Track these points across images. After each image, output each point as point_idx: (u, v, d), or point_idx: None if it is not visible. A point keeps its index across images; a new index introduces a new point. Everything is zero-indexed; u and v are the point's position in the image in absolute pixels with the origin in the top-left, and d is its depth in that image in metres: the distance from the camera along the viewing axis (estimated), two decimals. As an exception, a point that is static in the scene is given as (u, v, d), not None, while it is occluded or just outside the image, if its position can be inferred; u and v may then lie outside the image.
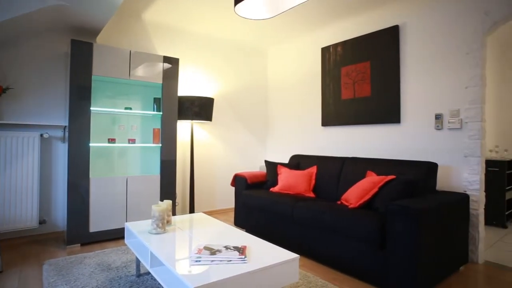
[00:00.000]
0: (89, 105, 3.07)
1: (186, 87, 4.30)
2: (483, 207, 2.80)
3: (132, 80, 3.34)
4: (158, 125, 3.74)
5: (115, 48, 3.21)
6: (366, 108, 3.64)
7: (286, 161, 4.81)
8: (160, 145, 3.52)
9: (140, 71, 3.37)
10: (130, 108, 3.45)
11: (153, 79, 3.46)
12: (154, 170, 3.77)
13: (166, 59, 3.55)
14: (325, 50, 4.17)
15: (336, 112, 4.00)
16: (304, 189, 3.35)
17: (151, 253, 1.85)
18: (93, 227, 3.08)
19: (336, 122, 4.00)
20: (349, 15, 3.75)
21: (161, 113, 3.52)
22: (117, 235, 3.23)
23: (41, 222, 3.22)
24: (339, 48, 3.98)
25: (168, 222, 2.33)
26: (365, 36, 3.67)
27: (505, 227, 3.93)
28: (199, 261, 1.61)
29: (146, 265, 1.92)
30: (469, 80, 2.84)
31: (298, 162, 3.83)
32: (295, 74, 4.71)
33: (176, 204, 4.16)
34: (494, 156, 4.40)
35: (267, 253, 1.75)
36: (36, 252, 2.86)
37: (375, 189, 2.56)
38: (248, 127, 4.99)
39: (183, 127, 4.29)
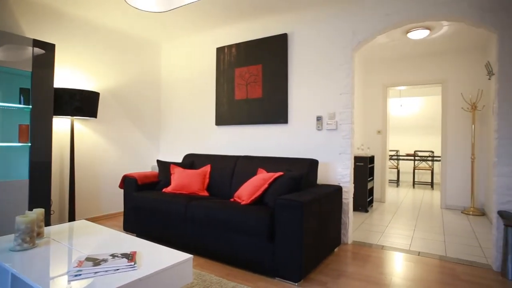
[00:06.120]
0: None
1: (65, 78, 3.75)
2: (352, 196, 3.31)
3: (-12, 65, 2.74)
4: (26, 121, 3.15)
5: (-39, 23, 2.57)
6: (258, 109, 3.85)
7: (180, 160, 4.70)
8: (29, 144, 2.98)
9: (0, 55, 2.78)
10: (-14, 99, 2.82)
11: (19, 65, 2.90)
12: (20, 174, 3.16)
13: (38, 43, 3.02)
14: (220, 51, 4.23)
15: (229, 112, 4.11)
16: (198, 188, 3.33)
17: (13, 275, 1.55)
18: None
19: (230, 121, 4.11)
20: (244, 19, 3.90)
21: (30, 106, 2.98)
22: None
23: None
24: (233, 50, 4.10)
25: (40, 234, 2.00)
26: (258, 41, 3.87)
27: (366, 211, 4.74)
28: (80, 275, 1.43)
29: (8, 288, 1.60)
30: (342, 88, 3.30)
31: (192, 161, 3.79)
32: (190, 72, 4.64)
33: (52, 212, 3.60)
34: (360, 153, 5.25)
35: (159, 257, 1.68)
36: None
37: (265, 185, 2.74)
38: (139, 125, 4.68)
39: (61, 123, 3.74)
